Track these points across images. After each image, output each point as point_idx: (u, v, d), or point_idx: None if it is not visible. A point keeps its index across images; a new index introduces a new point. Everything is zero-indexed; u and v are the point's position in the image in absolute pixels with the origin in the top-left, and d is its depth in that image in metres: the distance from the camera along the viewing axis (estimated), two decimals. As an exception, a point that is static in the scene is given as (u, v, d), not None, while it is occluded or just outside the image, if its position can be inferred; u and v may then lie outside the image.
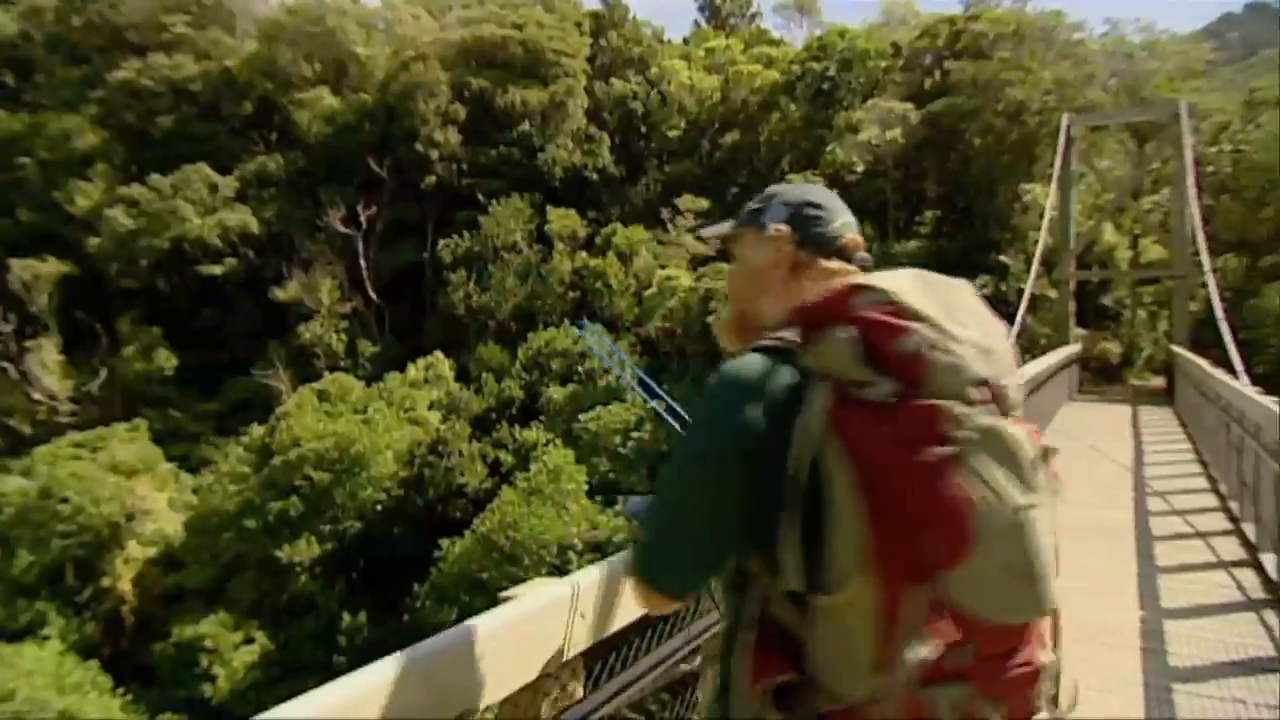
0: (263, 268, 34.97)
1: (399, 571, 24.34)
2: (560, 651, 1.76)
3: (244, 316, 35.06)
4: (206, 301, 35.45)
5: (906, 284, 1.20)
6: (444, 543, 24.41)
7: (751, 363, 1.24)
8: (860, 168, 31.71)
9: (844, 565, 1.09)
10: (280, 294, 34.32)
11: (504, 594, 1.76)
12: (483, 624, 1.62)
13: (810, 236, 1.41)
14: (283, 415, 27.76)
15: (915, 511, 1.07)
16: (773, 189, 1.50)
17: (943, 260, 28.31)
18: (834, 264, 1.40)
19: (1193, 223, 21.68)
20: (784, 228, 1.42)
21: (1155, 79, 30.36)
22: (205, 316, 35.49)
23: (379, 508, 26.65)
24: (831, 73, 33.86)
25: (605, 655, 2.05)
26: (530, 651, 1.70)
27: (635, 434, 28.03)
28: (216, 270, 34.80)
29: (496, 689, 1.62)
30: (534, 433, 28.45)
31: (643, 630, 2.13)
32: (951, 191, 31.32)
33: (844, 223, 1.43)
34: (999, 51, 29.62)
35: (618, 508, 24.70)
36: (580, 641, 1.79)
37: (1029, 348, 22.37)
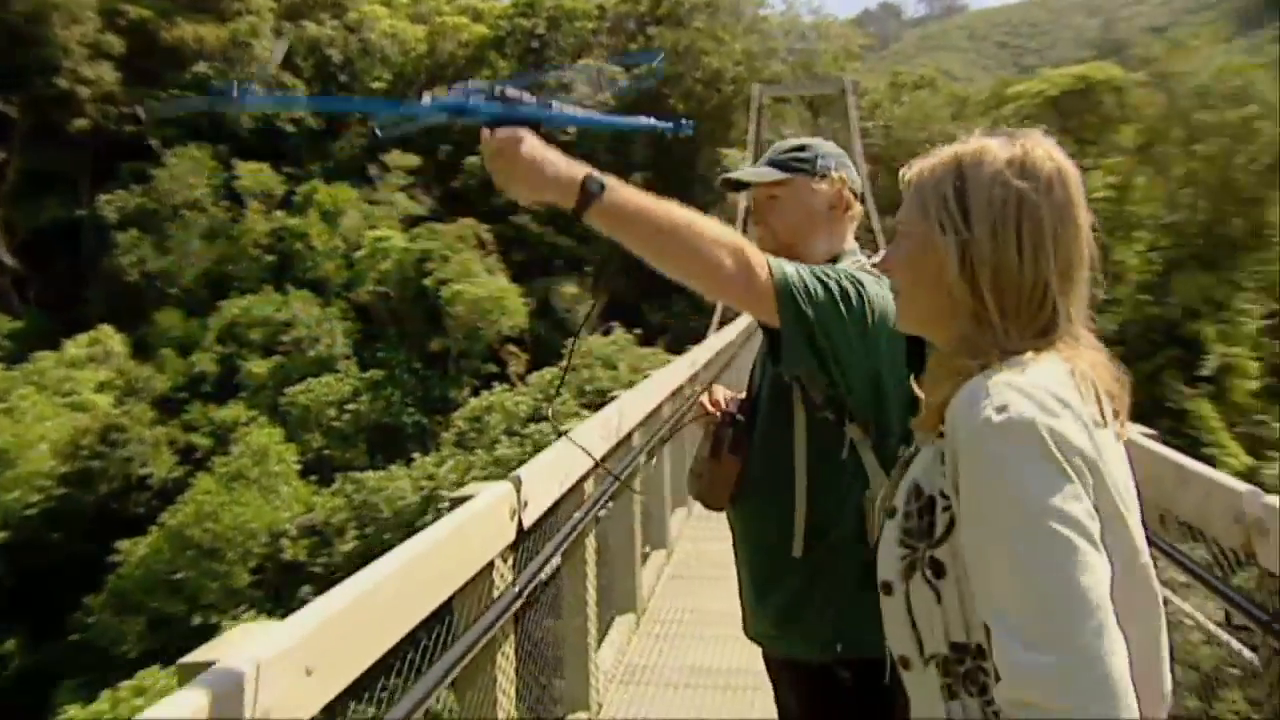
0: None
1: (62, 583, 20.76)
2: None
3: None
4: None
5: None
6: (123, 544, 21.41)
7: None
8: (573, 129, 32.05)
9: None
10: None
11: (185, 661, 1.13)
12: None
13: (854, 185, 1.65)
14: (-118, 411, 22.23)
15: None
16: (805, 141, 1.66)
17: (653, 220, 29.58)
18: (859, 209, 1.67)
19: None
20: (845, 175, 1.63)
21: (824, 58, 34.17)
22: None
23: (31, 512, 22.45)
24: (541, 31, 33.76)
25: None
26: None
27: (351, 405, 26.44)
28: None
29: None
30: (233, 410, 25.81)
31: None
32: (659, 154, 32.83)
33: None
34: (695, 20, 31.44)
35: (334, 487, 23.13)
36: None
37: (733, 303, 24.24)
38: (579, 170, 1.30)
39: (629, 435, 4.09)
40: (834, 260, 1.57)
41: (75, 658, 19.85)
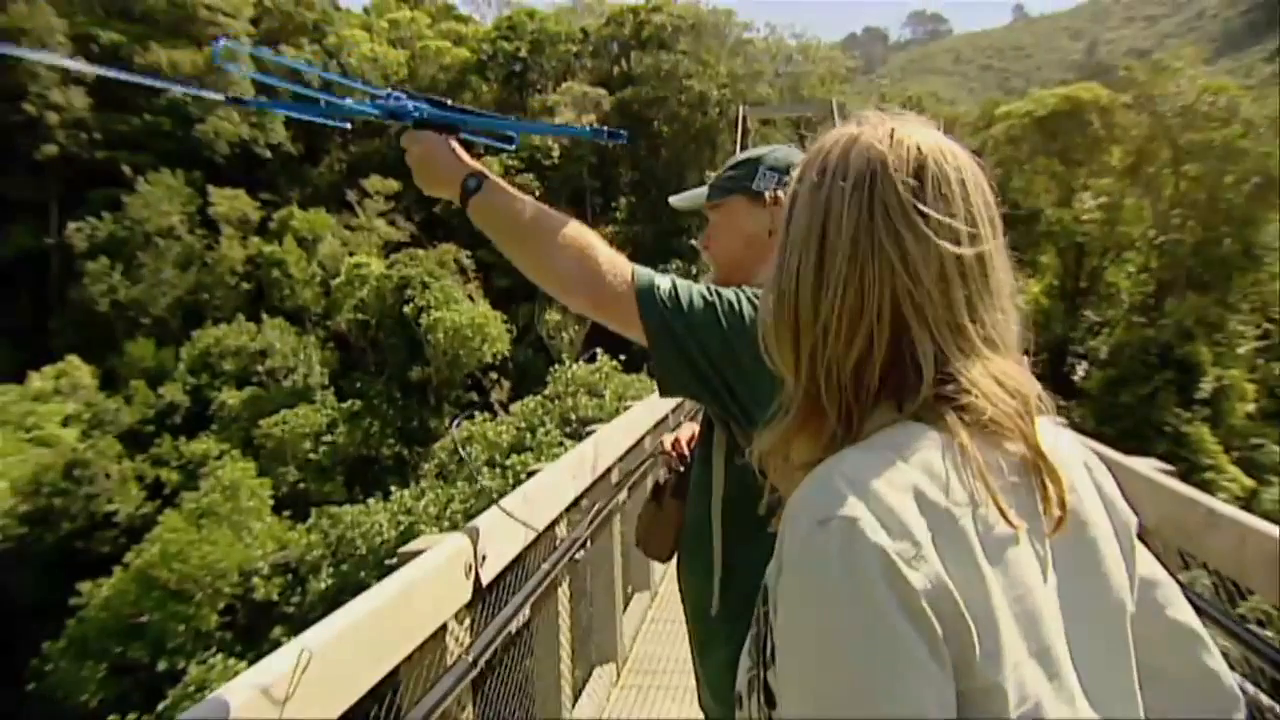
0: None
1: (21, 629, 19.87)
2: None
3: None
4: None
5: None
6: (85, 586, 20.51)
7: None
8: (557, 152, 31.79)
9: None
10: None
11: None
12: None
13: None
14: None
15: None
16: (753, 153, 1.48)
17: (638, 245, 29.22)
18: None
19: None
20: (782, 195, 1.30)
21: (810, 80, 34.00)
22: None
23: (-10, 554, 21.59)
24: (523, 54, 33.48)
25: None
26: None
27: (328, 437, 25.73)
28: None
29: None
30: (205, 444, 25.05)
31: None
32: (644, 178, 32.52)
33: None
34: (679, 44, 31.22)
35: (309, 522, 22.42)
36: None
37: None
38: (464, 169, 1.33)
39: (607, 472, 3.87)
40: None
41: (32, 708, 18.96)
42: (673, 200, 1.63)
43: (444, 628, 1.80)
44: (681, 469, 1.55)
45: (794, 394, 0.71)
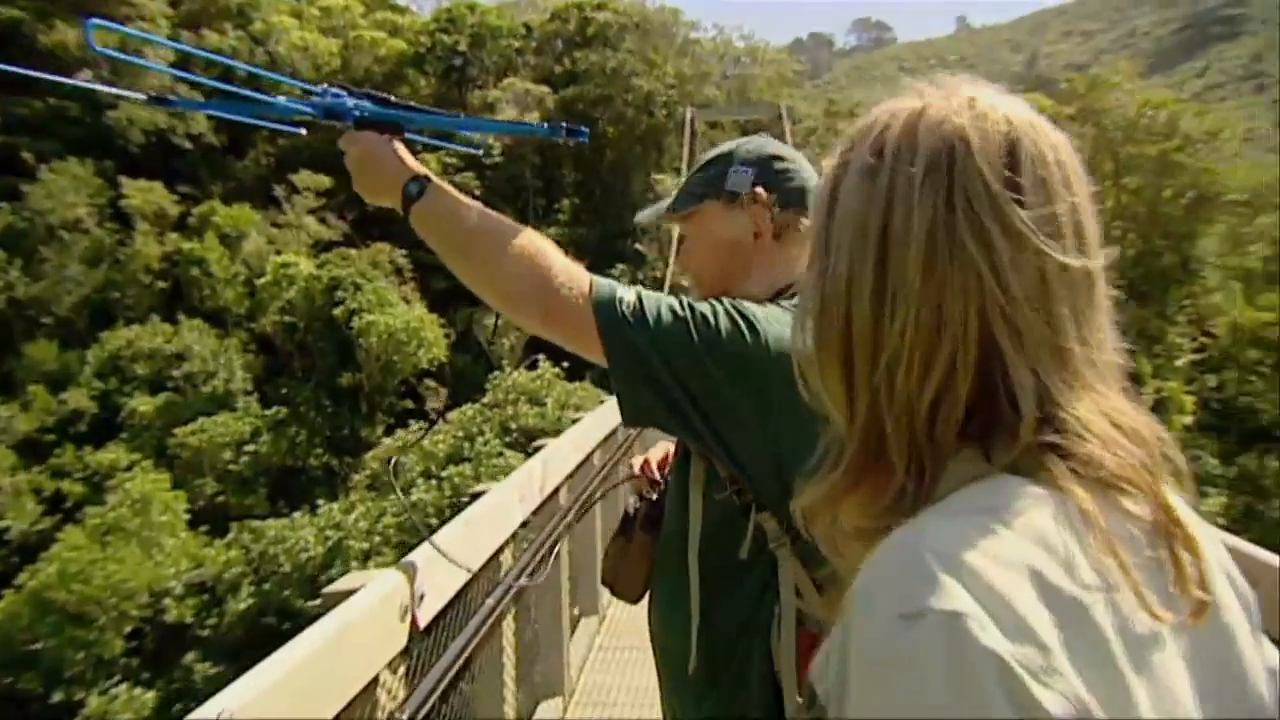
0: None
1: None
2: None
3: None
4: None
5: None
6: None
7: None
8: (498, 150, 30.76)
9: None
10: None
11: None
12: None
13: (788, 194, 1.30)
14: None
15: None
16: (723, 148, 1.35)
17: (582, 248, 28.31)
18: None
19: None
20: (762, 192, 1.29)
21: (758, 83, 33.66)
22: None
23: None
24: (463, 48, 32.32)
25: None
26: None
27: (250, 447, 24.41)
28: None
29: None
30: (113, 454, 23.58)
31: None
32: (588, 179, 31.71)
33: (811, 171, 1.33)
34: (625, 42, 30.53)
35: (229, 538, 21.15)
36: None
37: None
38: (405, 173, 1.22)
39: (555, 491, 3.60)
40: (779, 296, 1.23)
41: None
42: (639, 217, 1.50)
43: (375, 681, 1.62)
44: (654, 497, 1.42)
45: (846, 438, 0.56)
